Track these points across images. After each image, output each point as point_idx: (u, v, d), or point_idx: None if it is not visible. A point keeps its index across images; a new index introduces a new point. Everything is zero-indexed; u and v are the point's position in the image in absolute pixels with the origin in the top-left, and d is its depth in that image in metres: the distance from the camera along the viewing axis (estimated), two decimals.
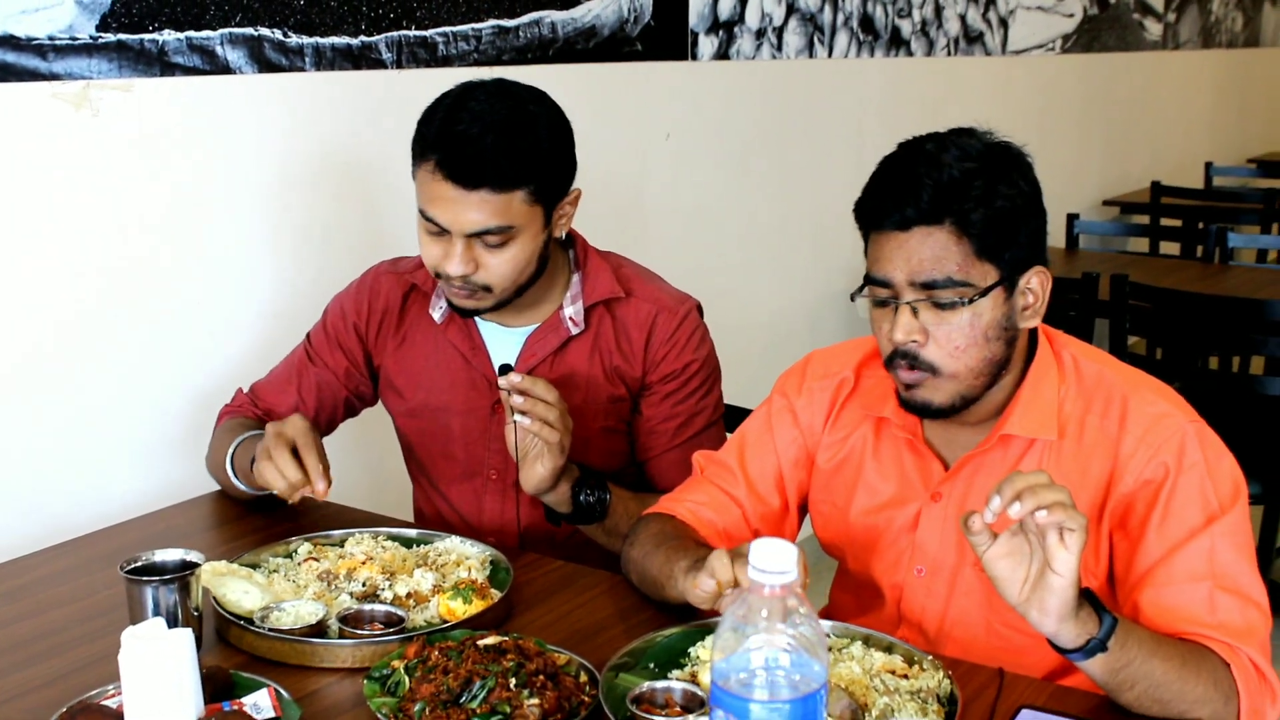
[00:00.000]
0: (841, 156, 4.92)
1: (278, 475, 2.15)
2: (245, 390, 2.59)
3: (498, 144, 2.15)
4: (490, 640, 1.85)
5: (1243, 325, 4.24)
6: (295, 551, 2.20)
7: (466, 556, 2.17)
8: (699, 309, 2.46)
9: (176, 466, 2.80)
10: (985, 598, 1.98)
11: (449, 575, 2.09)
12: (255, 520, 2.42)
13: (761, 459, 2.18)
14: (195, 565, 1.92)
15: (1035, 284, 1.91)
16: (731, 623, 1.39)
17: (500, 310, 2.33)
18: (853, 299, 1.95)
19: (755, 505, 2.16)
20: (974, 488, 1.99)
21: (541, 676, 1.77)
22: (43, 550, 2.36)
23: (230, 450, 2.39)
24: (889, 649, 1.87)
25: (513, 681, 1.74)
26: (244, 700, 1.76)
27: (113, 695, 1.76)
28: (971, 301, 1.85)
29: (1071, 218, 6.16)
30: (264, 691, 1.78)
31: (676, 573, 1.92)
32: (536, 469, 2.20)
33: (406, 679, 1.78)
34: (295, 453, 2.17)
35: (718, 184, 4.43)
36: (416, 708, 1.72)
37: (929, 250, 1.84)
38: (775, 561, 1.38)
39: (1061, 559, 1.62)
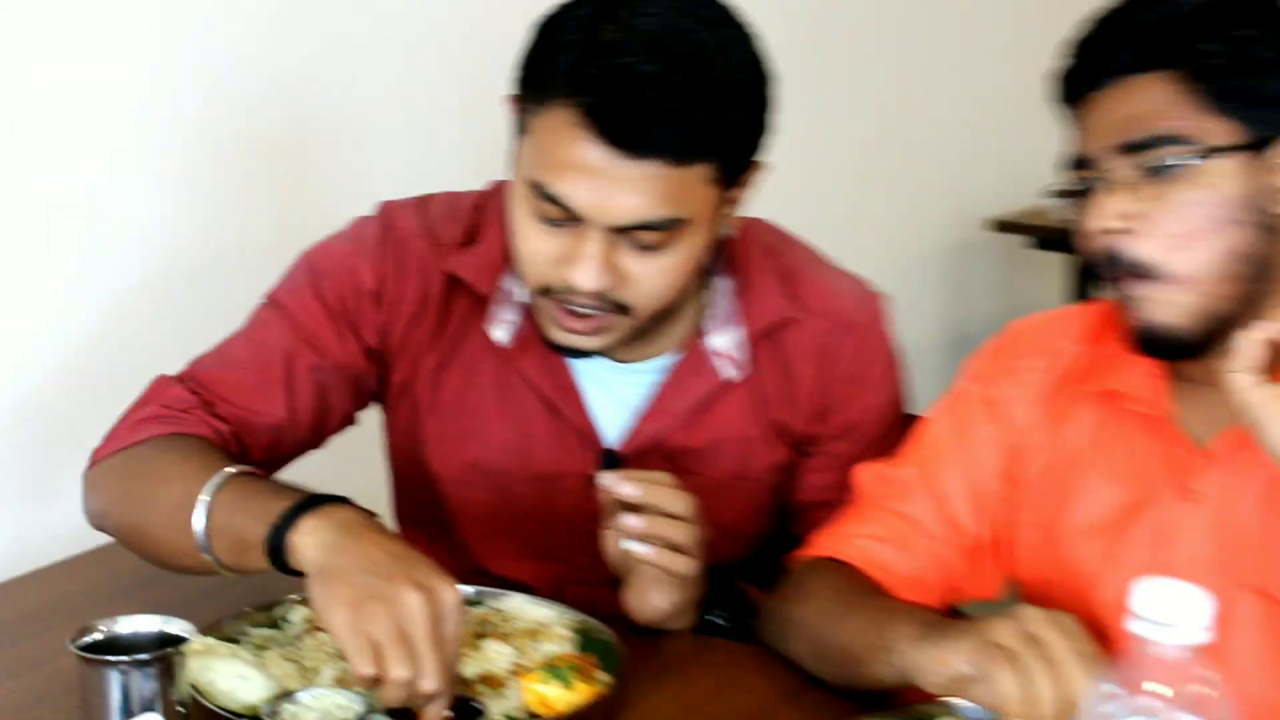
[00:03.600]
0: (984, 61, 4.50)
1: (404, 675, 1.40)
2: (176, 379, 1.83)
3: (689, 90, 1.61)
4: None
5: None
6: (286, 619, 1.72)
7: (543, 624, 1.70)
8: (886, 309, 1.94)
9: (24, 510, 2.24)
10: (1273, 633, 1.58)
11: (526, 650, 1.64)
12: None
13: (953, 470, 1.75)
14: (180, 640, 1.45)
15: None
16: (1107, 697, 1.12)
17: None
18: (1052, 200, 1.62)
19: (949, 535, 1.74)
20: (1249, 480, 1.58)
21: None
22: None
23: (205, 496, 1.59)
24: None
25: None
26: None
27: None
28: (1191, 163, 1.50)
29: None
30: None
31: (895, 642, 1.52)
32: (652, 601, 1.71)
33: None
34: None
35: (799, 93, 3.97)
36: None
37: (1137, 103, 1.53)
38: (1175, 610, 1.10)
39: None
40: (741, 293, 1.85)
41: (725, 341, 1.84)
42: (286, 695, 1.51)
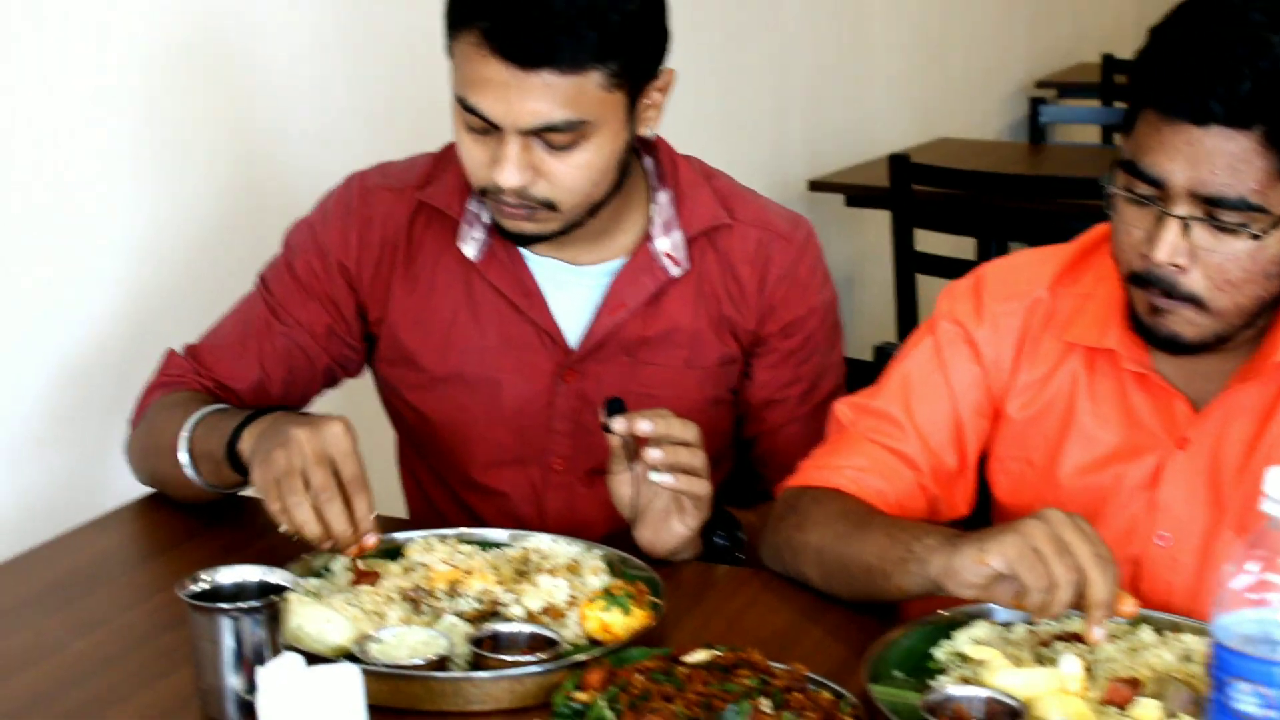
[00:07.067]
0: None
1: (314, 520, 1.66)
2: (179, 352, 2.06)
3: (569, 9, 1.76)
4: (700, 656, 1.53)
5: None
6: (327, 568, 1.79)
7: (574, 558, 1.80)
8: (812, 229, 2.11)
9: (40, 471, 2.29)
10: None
11: (573, 583, 1.72)
12: (218, 533, 1.95)
13: (933, 404, 1.88)
14: (283, 589, 1.52)
15: None
16: (1245, 570, 1.21)
17: (563, 239, 1.93)
18: (1101, 187, 1.68)
19: (930, 463, 1.87)
20: (1230, 431, 1.76)
21: (797, 694, 1.47)
22: None
23: (185, 432, 1.89)
24: (1175, 628, 1.64)
25: (764, 703, 1.45)
26: None
27: None
28: (1262, 235, 1.61)
29: None
30: None
31: (924, 552, 1.62)
32: (674, 529, 1.83)
33: (610, 714, 1.45)
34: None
35: None
36: None
37: (1225, 158, 1.58)
38: None
39: None
40: (680, 202, 2.01)
41: (668, 244, 2.00)
42: (367, 637, 1.60)
